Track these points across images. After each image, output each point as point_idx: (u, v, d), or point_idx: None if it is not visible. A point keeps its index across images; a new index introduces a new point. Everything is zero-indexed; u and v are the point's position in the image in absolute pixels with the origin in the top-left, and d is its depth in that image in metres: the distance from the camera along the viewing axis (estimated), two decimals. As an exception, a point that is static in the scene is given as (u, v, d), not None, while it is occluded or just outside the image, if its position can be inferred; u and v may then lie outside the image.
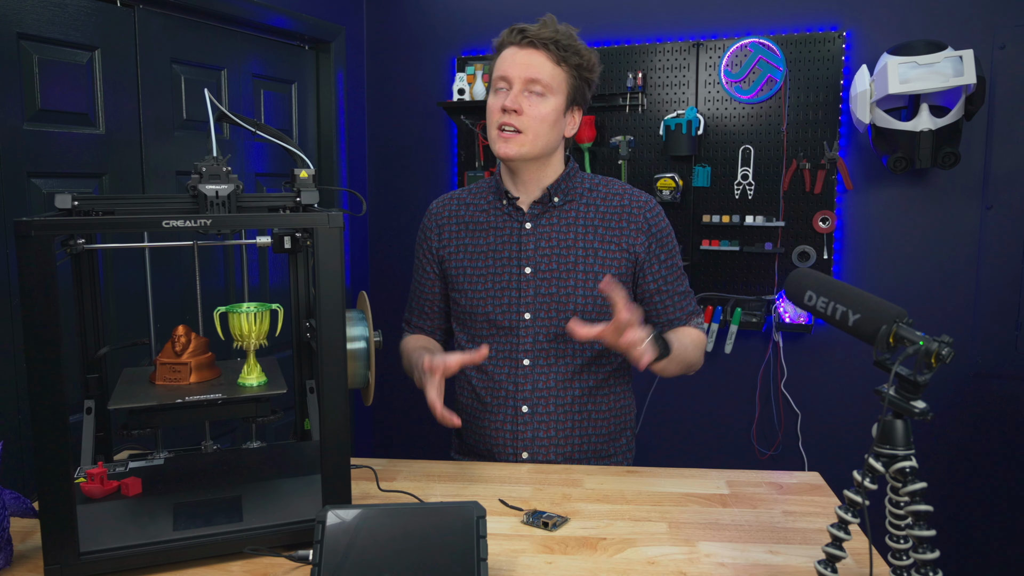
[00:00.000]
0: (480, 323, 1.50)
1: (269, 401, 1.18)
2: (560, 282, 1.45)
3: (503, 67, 1.42)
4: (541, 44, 1.39)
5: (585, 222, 1.47)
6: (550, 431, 1.47)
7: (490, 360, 1.49)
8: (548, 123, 1.42)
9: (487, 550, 0.93)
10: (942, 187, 2.70)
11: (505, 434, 1.49)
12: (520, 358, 1.47)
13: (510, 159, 1.43)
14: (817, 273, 0.99)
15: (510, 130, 1.41)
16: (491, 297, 1.48)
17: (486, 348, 1.34)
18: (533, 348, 1.46)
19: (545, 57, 1.40)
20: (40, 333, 0.91)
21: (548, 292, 1.45)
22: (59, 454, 0.93)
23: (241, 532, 1.03)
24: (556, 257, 1.46)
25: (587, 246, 1.46)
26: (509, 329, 1.47)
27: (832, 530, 0.92)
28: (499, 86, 1.43)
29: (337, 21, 3.07)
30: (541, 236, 1.47)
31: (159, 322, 1.24)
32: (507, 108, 1.39)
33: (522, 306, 1.46)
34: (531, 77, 1.39)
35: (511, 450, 1.49)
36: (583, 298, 1.44)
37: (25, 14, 1.95)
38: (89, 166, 2.14)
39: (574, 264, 1.45)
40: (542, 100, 1.41)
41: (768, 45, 2.77)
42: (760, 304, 2.86)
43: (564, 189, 1.49)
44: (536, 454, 1.48)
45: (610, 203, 1.49)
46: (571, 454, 1.49)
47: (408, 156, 3.32)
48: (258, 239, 1.23)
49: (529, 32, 1.40)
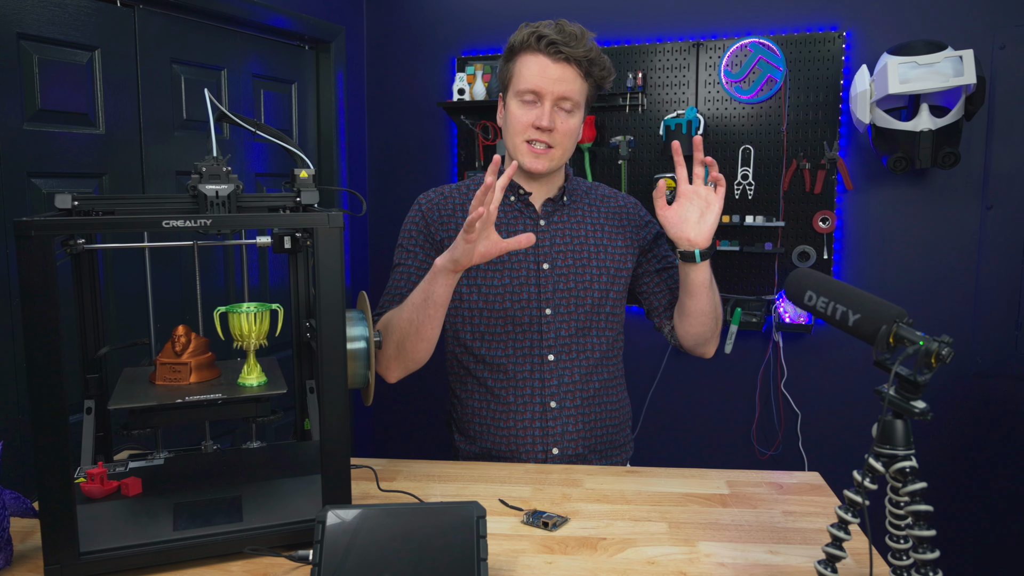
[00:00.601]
0: (496, 319, 1.48)
1: (269, 401, 1.18)
2: (577, 277, 1.49)
3: (533, 80, 1.39)
4: (575, 61, 1.38)
5: (592, 221, 1.54)
6: (578, 424, 1.49)
7: (510, 358, 1.49)
8: (575, 136, 1.46)
9: (487, 550, 0.93)
10: (942, 187, 2.70)
11: (534, 431, 1.48)
12: (544, 354, 1.48)
13: (541, 174, 1.46)
14: (817, 273, 0.99)
15: (542, 146, 1.42)
16: (509, 293, 1.48)
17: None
18: (556, 343, 1.48)
19: (575, 72, 1.40)
20: (40, 333, 0.91)
21: (567, 287, 1.48)
22: (59, 454, 0.93)
23: (241, 532, 1.03)
24: (572, 253, 1.50)
25: (597, 243, 1.52)
26: (529, 325, 1.48)
27: (832, 530, 0.92)
28: (527, 98, 1.41)
29: (337, 21, 3.07)
30: (556, 233, 1.50)
31: (159, 322, 1.24)
32: (543, 127, 1.39)
33: (542, 302, 1.48)
34: (563, 94, 1.39)
35: (540, 447, 1.48)
36: (599, 292, 1.49)
37: (25, 14, 1.95)
38: (89, 166, 2.14)
39: (587, 260, 1.50)
40: (570, 116, 1.42)
41: (768, 45, 2.77)
42: (760, 304, 2.86)
43: (570, 190, 1.54)
44: (565, 449, 1.48)
45: (608, 204, 1.57)
46: (594, 446, 1.51)
47: (408, 156, 3.32)
48: (258, 239, 1.23)
49: (563, 47, 1.37)
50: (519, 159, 1.44)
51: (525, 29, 1.41)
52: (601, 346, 1.52)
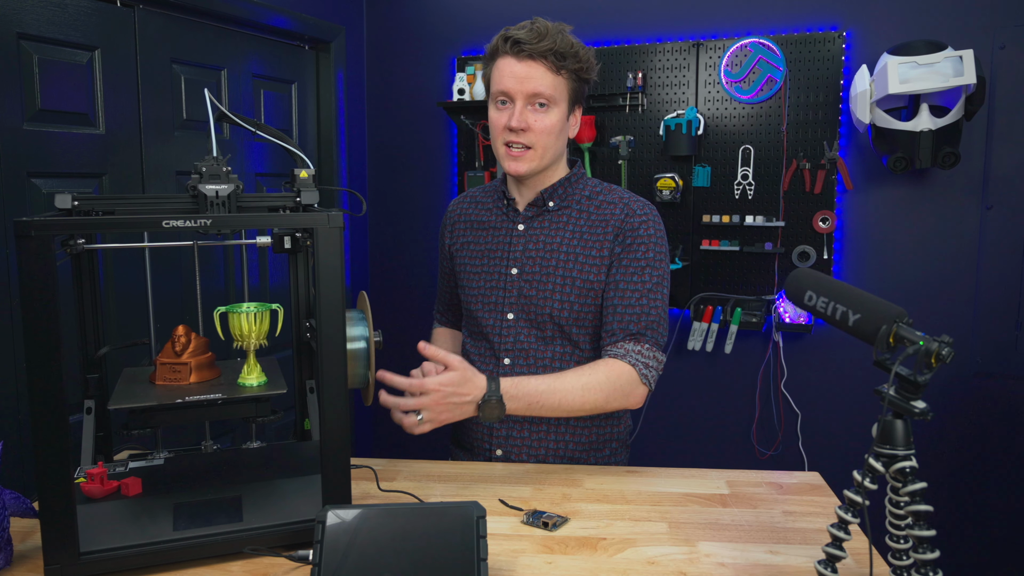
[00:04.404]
0: (472, 320, 1.53)
1: (269, 401, 1.18)
2: (540, 285, 1.44)
3: (502, 81, 1.38)
4: (540, 56, 1.35)
5: (574, 228, 1.45)
6: (523, 432, 1.48)
7: (475, 357, 1.52)
8: (555, 134, 1.41)
9: (487, 550, 0.93)
10: (942, 187, 2.70)
11: (482, 430, 1.51)
12: (502, 357, 1.48)
13: (522, 176, 1.43)
14: (817, 273, 0.99)
15: (519, 147, 1.40)
16: (481, 295, 1.50)
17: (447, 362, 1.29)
18: (514, 348, 1.47)
19: (544, 68, 1.36)
20: (40, 333, 0.91)
21: (528, 294, 1.45)
22: (59, 454, 0.93)
23: (241, 532, 1.03)
24: (540, 260, 1.45)
25: (570, 251, 1.44)
26: (492, 327, 1.49)
27: (832, 530, 0.92)
28: (500, 99, 1.40)
29: (337, 21, 3.07)
30: (531, 238, 1.47)
31: (159, 322, 1.24)
32: (514, 127, 1.37)
33: (506, 306, 1.48)
34: (533, 91, 1.36)
35: (487, 446, 1.51)
36: (559, 303, 1.43)
37: (25, 14, 1.95)
38: (89, 166, 2.14)
39: (554, 268, 1.44)
40: (546, 112, 1.38)
41: (768, 45, 2.77)
42: (760, 304, 2.86)
43: (561, 194, 1.47)
44: (509, 453, 1.49)
45: (603, 211, 1.45)
46: (544, 457, 1.49)
47: (408, 156, 3.32)
48: (258, 239, 1.23)
49: (525, 45, 1.34)
50: (501, 163, 1.44)
51: (499, 34, 1.40)
52: (563, 356, 1.45)
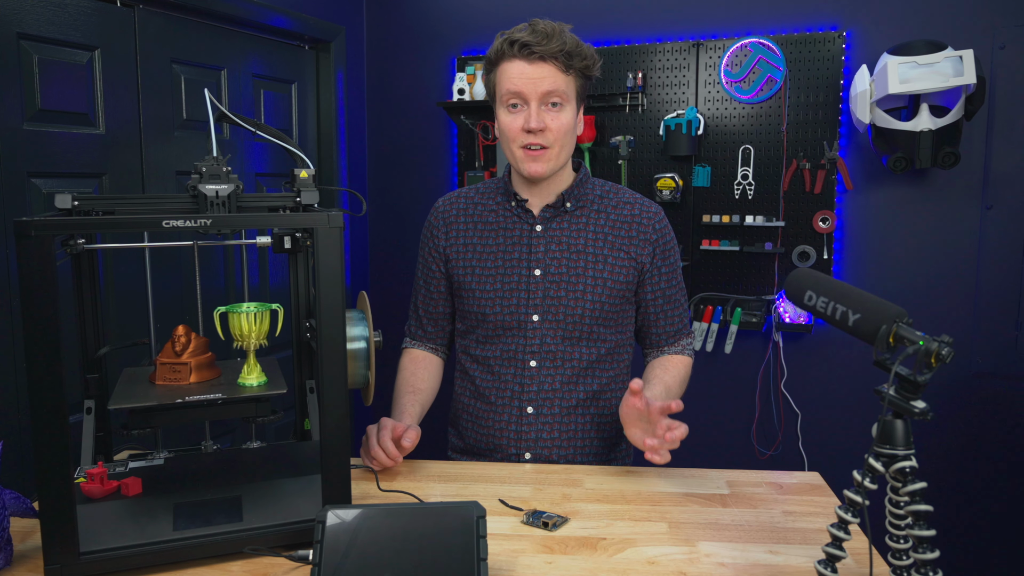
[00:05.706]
0: (488, 324, 1.50)
1: (269, 401, 1.18)
2: (569, 286, 1.46)
3: (514, 83, 1.38)
4: (550, 56, 1.36)
5: (595, 228, 1.48)
6: (553, 432, 1.48)
7: (496, 360, 1.50)
8: (570, 132, 1.43)
9: (487, 550, 0.93)
10: (942, 187, 2.70)
11: (509, 433, 1.50)
12: (527, 359, 1.48)
13: (542, 176, 1.43)
14: (817, 273, 0.99)
15: (537, 148, 1.40)
16: (499, 298, 1.49)
17: (412, 438, 1.36)
18: (540, 350, 1.47)
19: (555, 68, 1.37)
20: (40, 333, 0.91)
21: (557, 295, 1.46)
22: (59, 454, 0.93)
23: (241, 532, 1.03)
24: (566, 261, 1.46)
25: (596, 252, 1.47)
26: (516, 330, 1.48)
27: (832, 530, 0.92)
28: (512, 102, 1.40)
29: (337, 21, 3.07)
30: (552, 239, 1.48)
31: (159, 322, 1.24)
32: (533, 128, 1.38)
33: (531, 308, 1.47)
34: (548, 91, 1.38)
35: (514, 450, 1.50)
36: (591, 303, 1.46)
37: (25, 14, 1.95)
38: (89, 166, 2.14)
39: (583, 269, 1.46)
40: (561, 111, 1.40)
41: (768, 45, 2.77)
42: (760, 304, 2.86)
43: (576, 195, 1.49)
44: (539, 455, 1.49)
45: (620, 211, 1.50)
46: (572, 456, 1.50)
47: (408, 156, 3.32)
48: (258, 239, 1.23)
49: (535, 47, 1.36)
50: (518, 167, 1.44)
51: (499, 39, 1.41)
52: (591, 356, 1.48)
